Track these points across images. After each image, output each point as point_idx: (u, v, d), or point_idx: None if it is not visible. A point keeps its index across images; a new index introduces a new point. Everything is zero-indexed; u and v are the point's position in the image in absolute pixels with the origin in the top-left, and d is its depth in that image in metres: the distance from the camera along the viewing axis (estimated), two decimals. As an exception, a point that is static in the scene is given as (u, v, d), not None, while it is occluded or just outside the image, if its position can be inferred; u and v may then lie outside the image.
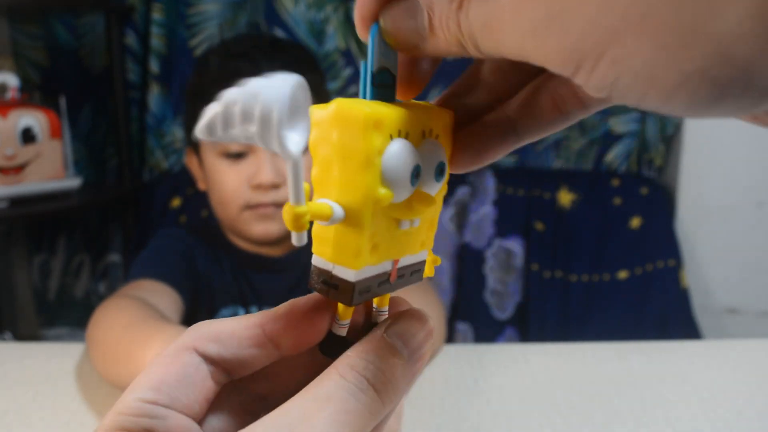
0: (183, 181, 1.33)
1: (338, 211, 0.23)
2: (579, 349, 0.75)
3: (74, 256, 1.42)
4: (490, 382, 0.67)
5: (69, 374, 0.69)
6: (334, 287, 0.24)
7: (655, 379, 0.67)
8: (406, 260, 0.26)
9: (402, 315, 0.25)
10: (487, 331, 1.30)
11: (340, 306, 0.25)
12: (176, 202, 1.32)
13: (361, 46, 1.31)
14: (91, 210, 1.41)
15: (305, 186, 0.22)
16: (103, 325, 0.70)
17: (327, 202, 0.23)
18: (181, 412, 0.23)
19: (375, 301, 0.26)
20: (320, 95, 0.98)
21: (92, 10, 1.35)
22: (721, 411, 0.61)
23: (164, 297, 0.82)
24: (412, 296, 0.28)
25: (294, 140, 0.20)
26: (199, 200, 1.31)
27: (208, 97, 0.81)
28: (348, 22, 1.32)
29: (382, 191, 0.22)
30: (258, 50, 0.95)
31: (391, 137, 0.23)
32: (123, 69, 1.33)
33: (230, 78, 1.01)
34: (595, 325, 1.29)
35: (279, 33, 1.32)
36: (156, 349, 0.60)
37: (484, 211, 1.31)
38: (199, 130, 0.22)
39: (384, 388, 0.22)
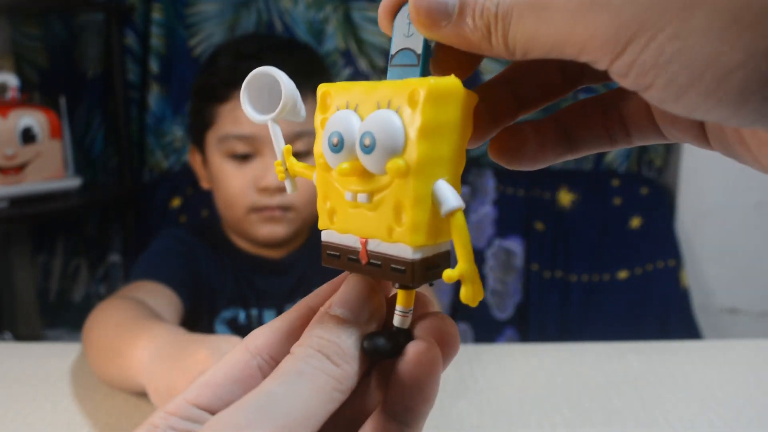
0: (183, 181, 1.33)
1: (315, 176, 0.26)
2: (579, 349, 0.75)
3: (74, 257, 1.42)
4: (490, 382, 0.67)
5: (69, 374, 0.69)
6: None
7: (655, 379, 0.67)
8: (378, 246, 0.24)
9: (344, 284, 0.25)
10: (487, 331, 1.30)
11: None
12: (176, 202, 1.32)
13: (361, 46, 1.31)
14: (91, 210, 1.41)
15: (287, 147, 0.28)
16: (97, 325, 0.70)
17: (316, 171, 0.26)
18: (221, 410, 0.23)
19: (397, 300, 0.25)
20: None
21: (92, 10, 1.35)
22: (720, 411, 0.61)
23: (163, 298, 0.82)
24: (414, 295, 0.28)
25: (252, 113, 0.27)
26: (199, 200, 1.31)
27: (217, 96, 0.83)
28: (348, 22, 1.31)
29: (318, 156, 0.25)
30: (269, 51, 0.95)
31: (338, 108, 0.25)
32: (123, 69, 1.33)
33: (239, 78, 1.00)
34: (595, 325, 1.29)
35: (276, 32, 1.32)
36: (142, 347, 0.60)
37: (484, 211, 1.31)
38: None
39: (331, 350, 0.23)
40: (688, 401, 0.63)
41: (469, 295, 0.23)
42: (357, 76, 1.31)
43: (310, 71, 0.96)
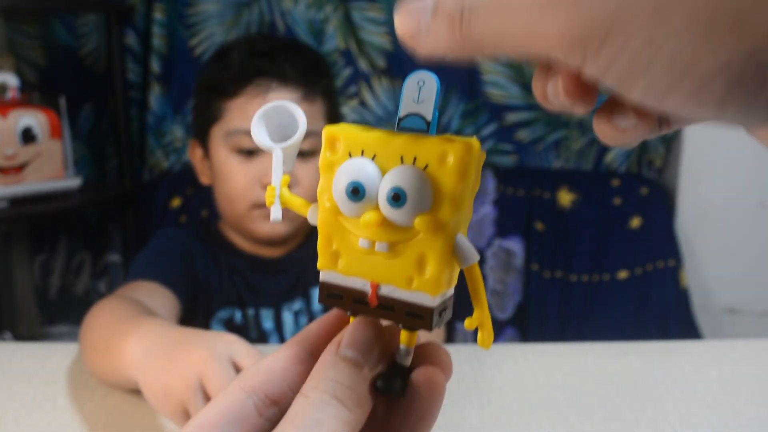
0: (183, 181, 1.33)
1: (311, 212, 0.27)
2: (579, 349, 0.75)
3: (75, 256, 1.42)
4: (490, 382, 0.67)
5: (69, 374, 0.69)
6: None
7: (655, 379, 0.67)
8: (391, 291, 0.26)
9: (352, 326, 0.26)
10: (487, 331, 1.30)
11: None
12: (176, 202, 1.32)
13: (361, 46, 1.31)
14: (91, 210, 1.41)
15: (286, 177, 0.28)
16: (92, 324, 0.71)
17: (311, 207, 0.27)
18: None
19: (401, 340, 0.26)
20: (330, 97, 0.99)
21: (92, 10, 1.35)
22: (720, 411, 0.61)
23: (160, 298, 0.82)
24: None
25: (265, 139, 0.28)
26: (199, 200, 1.31)
27: (227, 92, 0.82)
28: (348, 22, 1.31)
29: (327, 199, 0.25)
30: (279, 51, 0.95)
31: (350, 155, 0.25)
32: (123, 69, 1.33)
33: (251, 75, 1.01)
34: (595, 325, 1.29)
35: (278, 33, 1.32)
36: (133, 343, 0.60)
37: (484, 211, 1.31)
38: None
39: (346, 396, 0.24)
40: (688, 401, 0.63)
41: (485, 340, 0.26)
42: (357, 76, 1.31)
43: (318, 72, 0.97)
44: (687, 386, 0.66)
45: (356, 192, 0.24)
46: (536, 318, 1.29)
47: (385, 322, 0.26)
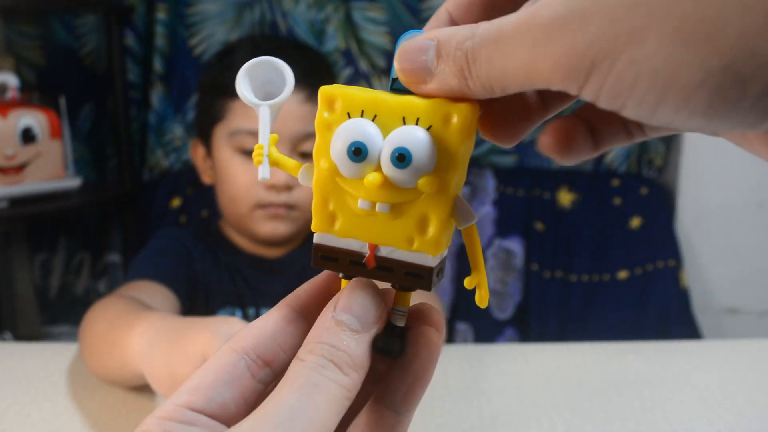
0: (183, 181, 1.33)
1: (303, 173, 0.27)
2: (579, 349, 0.75)
3: (74, 256, 1.42)
4: (490, 382, 0.67)
5: (69, 374, 0.69)
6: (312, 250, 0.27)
7: (655, 379, 0.67)
8: (390, 252, 0.25)
9: (348, 289, 0.26)
10: (487, 331, 1.30)
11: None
12: (176, 202, 1.32)
13: (361, 46, 1.31)
14: (91, 210, 1.41)
15: (274, 135, 0.27)
16: (92, 322, 0.71)
17: (303, 167, 0.27)
18: (215, 414, 0.24)
19: (396, 300, 0.27)
20: None
21: (91, 11, 1.35)
22: (720, 411, 0.61)
23: (160, 297, 0.82)
24: (412, 295, 0.28)
25: (251, 96, 0.27)
26: (199, 200, 1.31)
27: (231, 91, 0.82)
28: (348, 22, 1.32)
29: (324, 160, 0.25)
30: (283, 51, 0.95)
31: (348, 115, 0.25)
32: (123, 69, 1.33)
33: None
34: (595, 325, 1.29)
35: (279, 33, 1.32)
36: (138, 334, 0.59)
37: (484, 211, 1.31)
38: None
39: (342, 360, 0.24)
40: (688, 401, 0.63)
41: (483, 298, 0.26)
42: (357, 76, 1.31)
43: (322, 73, 0.98)
44: (687, 386, 0.66)
45: (358, 152, 0.24)
46: (536, 318, 1.29)
47: (380, 284, 0.27)
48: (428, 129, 0.24)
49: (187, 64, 1.34)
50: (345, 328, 0.25)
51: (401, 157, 0.24)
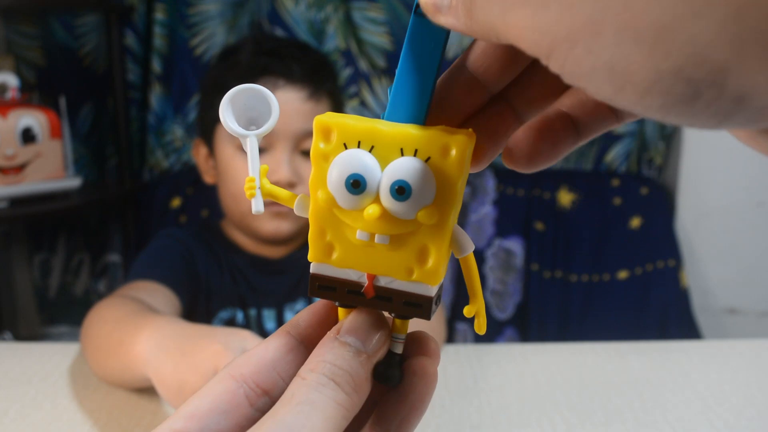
0: (183, 181, 1.33)
1: (299, 204, 0.27)
2: (579, 349, 0.75)
3: (74, 255, 1.42)
4: (490, 382, 0.67)
5: (69, 374, 0.69)
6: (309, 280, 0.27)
7: (655, 379, 0.67)
8: (389, 282, 0.25)
9: (353, 314, 0.26)
10: (487, 331, 1.29)
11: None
12: (176, 202, 1.32)
13: (361, 46, 1.31)
14: (91, 210, 1.41)
15: (264, 166, 0.27)
16: (95, 322, 0.70)
17: (298, 197, 0.27)
18: None
19: (394, 329, 0.27)
20: (335, 97, 0.99)
21: (91, 10, 1.35)
22: (720, 411, 0.61)
23: (161, 298, 0.82)
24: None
25: (237, 127, 0.27)
26: (199, 200, 1.31)
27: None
28: (348, 22, 1.32)
29: (322, 192, 0.25)
30: (286, 50, 0.95)
31: (345, 146, 0.24)
32: (123, 69, 1.33)
33: (258, 74, 1.01)
34: (595, 325, 1.29)
35: (279, 33, 1.32)
36: (146, 338, 0.59)
37: (484, 211, 1.31)
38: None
39: (343, 380, 0.24)
40: (688, 401, 0.63)
41: (481, 326, 0.26)
42: (357, 76, 1.31)
43: (324, 72, 0.98)
44: (687, 386, 0.66)
45: (357, 185, 0.24)
46: (536, 318, 1.29)
47: None
48: (426, 161, 0.24)
49: (187, 65, 1.34)
50: (349, 349, 0.24)
51: (401, 190, 0.23)
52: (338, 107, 1.01)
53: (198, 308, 0.92)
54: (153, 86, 1.34)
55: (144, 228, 1.33)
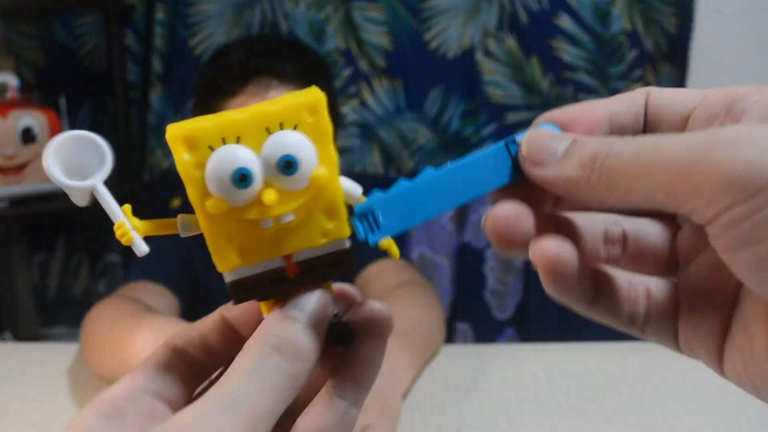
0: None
1: (183, 223, 0.26)
2: (579, 349, 0.75)
3: (73, 255, 1.42)
4: (490, 382, 0.67)
5: (69, 374, 0.69)
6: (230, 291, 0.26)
7: (655, 380, 0.67)
8: (305, 254, 0.25)
9: (298, 291, 0.26)
10: (487, 331, 1.30)
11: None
12: (176, 202, 1.32)
13: (361, 46, 1.31)
14: (91, 210, 1.41)
15: (126, 207, 0.25)
16: (94, 322, 0.71)
17: (179, 218, 0.26)
18: (160, 394, 0.25)
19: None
20: (329, 96, 0.99)
21: (91, 11, 1.35)
22: (721, 411, 0.61)
23: (160, 299, 0.82)
24: (411, 296, 0.28)
25: (74, 177, 0.24)
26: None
27: (227, 91, 0.82)
28: (348, 22, 1.31)
29: (210, 201, 0.24)
30: (279, 49, 0.95)
31: (211, 148, 0.24)
32: (123, 69, 1.33)
33: (251, 74, 1.00)
34: (595, 325, 1.28)
35: (279, 33, 1.32)
36: (143, 337, 0.59)
37: (484, 211, 1.31)
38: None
39: (288, 349, 0.24)
40: (688, 401, 0.63)
41: (395, 253, 0.27)
42: (357, 76, 1.31)
43: (318, 72, 0.97)
44: (687, 386, 0.66)
45: (244, 178, 0.23)
46: (536, 318, 1.29)
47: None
48: (295, 128, 0.24)
49: (187, 64, 1.34)
50: (292, 321, 0.25)
51: (288, 165, 0.24)
52: (333, 107, 1.00)
53: (197, 308, 0.92)
54: (153, 86, 1.34)
55: (144, 228, 1.33)
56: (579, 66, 1.28)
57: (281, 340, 0.24)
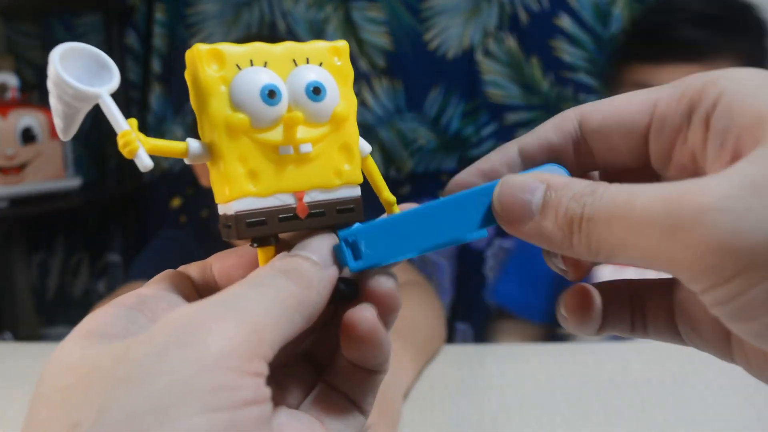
0: (183, 181, 1.33)
1: (194, 145, 0.24)
2: (579, 349, 0.75)
3: (72, 256, 1.42)
4: (490, 382, 0.67)
5: (69, 374, 0.69)
6: (228, 227, 0.25)
7: (655, 380, 0.67)
8: (318, 195, 0.25)
9: (296, 236, 0.25)
10: (488, 331, 1.29)
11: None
12: (176, 202, 1.32)
13: (361, 46, 1.31)
14: (91, 210, 1.41)
15: (132, 120, 0.24)
16: None
17: (188, 141, 0.24)
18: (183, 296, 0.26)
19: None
20: None
21: (91, 10, 1.35)
22: (721, 411, 0.61)
23: None
24: (412, 296, 0.28)
25: (84, 85, 0.23)
26: (199, 200, 1.31)
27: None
28: (348, 22, 1.31)
29: (230, 112, 0.23)
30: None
31: (239, 67, 0.24)
32: (123, 69, 1.33)
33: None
34: (595, 325, 1.28)
35: (279, 32, 1.32)
36: None
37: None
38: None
39: (295, 275, 0.22)
40: (688, 401, 0.63)
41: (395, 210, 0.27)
42: (357, 76, 1.31)
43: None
44: (687, 386, 0.66)
45: (273, 95, 0.24)
46: (536, 318, 1.29)
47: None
48: (320, 66, 0.25)
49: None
50: (302, 258, 0.23)
51: (317, 90, 0.24)
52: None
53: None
54: (153, 86, 1.34)
55: (144, 228, 1.33)
56: (579, 66, 1.28)
57: (289, 267, 0.23)
